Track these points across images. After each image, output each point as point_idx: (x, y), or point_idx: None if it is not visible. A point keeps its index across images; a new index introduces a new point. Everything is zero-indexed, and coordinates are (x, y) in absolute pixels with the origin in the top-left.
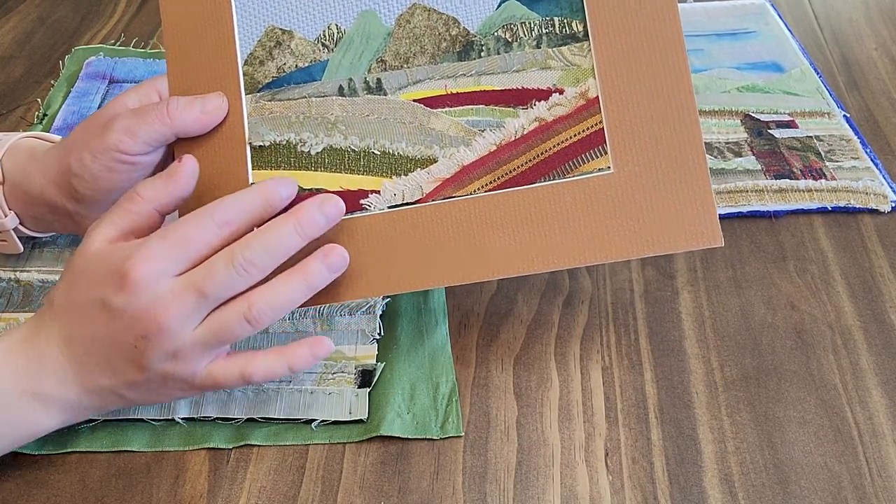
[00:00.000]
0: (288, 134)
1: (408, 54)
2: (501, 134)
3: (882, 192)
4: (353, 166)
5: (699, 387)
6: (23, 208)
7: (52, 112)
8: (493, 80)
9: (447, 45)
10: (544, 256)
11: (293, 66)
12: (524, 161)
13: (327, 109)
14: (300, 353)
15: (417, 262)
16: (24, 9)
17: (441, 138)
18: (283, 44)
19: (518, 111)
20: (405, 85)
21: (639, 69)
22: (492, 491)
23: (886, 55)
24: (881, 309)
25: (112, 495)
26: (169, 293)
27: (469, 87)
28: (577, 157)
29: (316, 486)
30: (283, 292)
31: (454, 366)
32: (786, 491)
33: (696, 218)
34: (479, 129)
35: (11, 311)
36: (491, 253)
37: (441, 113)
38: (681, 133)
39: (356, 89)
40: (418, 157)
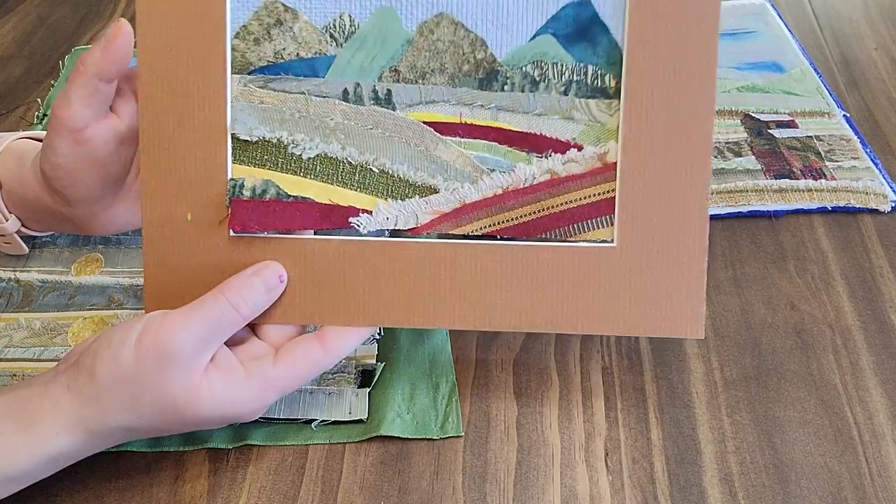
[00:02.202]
0: (280, 131)
1: (425, 69)
2: (510, 179)
3: (882, 191)
4: (347, 180)
5: (699, 387)
6: (23, 212)
7: None
8: (512, 118)
9: (469, 69)
10: (529, 318)
11: (294, 53)
12: (528, 212)
13: (327, 112)
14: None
15: (403, 298)
16: (24, 9)
17: (446, 169)
18: (285, 24)
19: (532, 158)
20: (417, 103)
21: (664, 144)
22: (492, 491)
23: (886, 55)
24: (881, 309)
25: (112, 495)
26: None
27: (485, 120)
28: (583, 223)
29: (316, 486)
30: None
31: (454, 366)
32: (786, 491)
33: (686, 309)
34: (487, 168)
35: (11, 311)
36: (478, 305)
37: (451, 142)
38: (690, 221)
39: (362, 97)
40: (419, 183)
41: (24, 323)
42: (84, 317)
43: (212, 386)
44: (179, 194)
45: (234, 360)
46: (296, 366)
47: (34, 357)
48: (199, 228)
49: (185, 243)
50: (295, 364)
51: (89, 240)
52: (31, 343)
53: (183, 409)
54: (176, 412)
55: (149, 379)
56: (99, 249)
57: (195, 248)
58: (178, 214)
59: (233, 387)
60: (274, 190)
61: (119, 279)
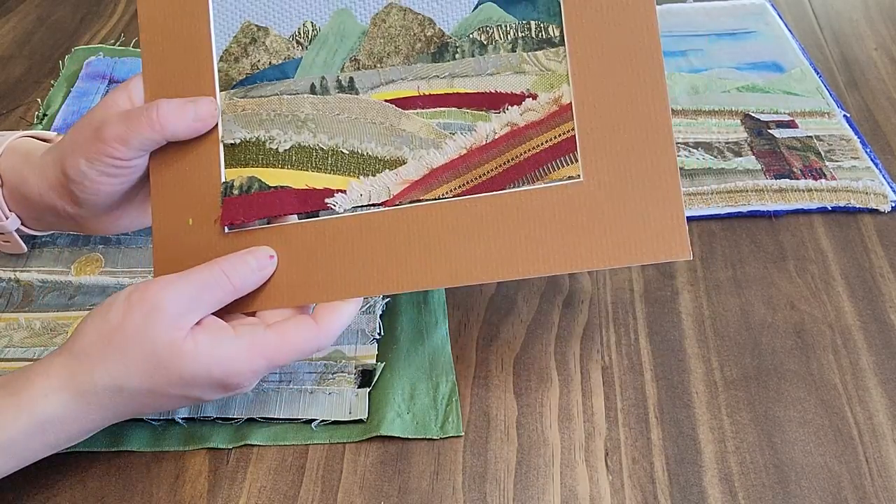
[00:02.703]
0: (258, 131)
1: (381, 54)
2: (472, 138)
3: (882, 191)
4: (321, 165)
5: (699, 387)
6: (23, 210)
7: (52, 112)
8: (467, 82)
9: (422, 46)
10: (509, 264)
11: (267, 62)
12: (494, 166)
13: (298, 107)
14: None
15: (381, 266)
16: (24, 9)
17: (411, 140)
18: (259, 40)
19: (490, 115)
20: (378, 85)
21: (614, 77)
22: (492, 491)
23: (886, 55)
24: (881, 309)
25: (112, 495)
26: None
27: (442, 88)
28: (547, 164)
29: (316, 486)
30: None
31: (454, 366)
32: (786, 491)
33: (666, 230)
34: (450, 132)
35: (11, 311)
36: (454, 259)
37: (412, 114)
38: (654, 143)
39: (328, 87)
40: (387, 157)
41: (24, 323)
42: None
43: (197, 343)
44: (182, 203)
45: (222, 323)
46: (286, 334)
47: (34, 357)
48: (199, 231)
49: (188, 246)
50: (285, 333)
51: (89, 240)
52: (31, 343)
53: (167, 363)
54: (160, 366)
55: (134, 331)
56: (99, 249)
57: (197, 249)
58: (181, 221)
59: (220, 343)
60: (257, 184)
61: (119, 279)
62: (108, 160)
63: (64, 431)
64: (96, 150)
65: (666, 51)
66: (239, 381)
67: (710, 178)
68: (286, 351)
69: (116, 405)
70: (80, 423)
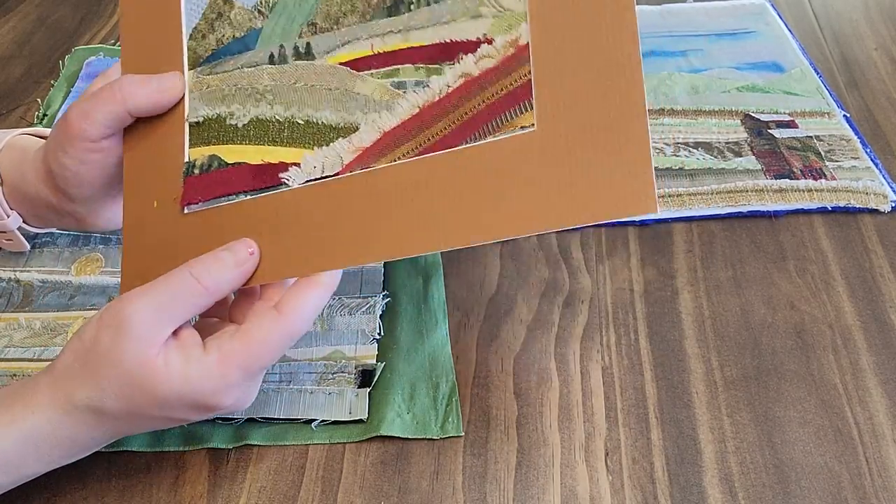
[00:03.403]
0: (220, 108)
1: (338, 14)
2: (425, 95)
3: (882, 191)
4: (277, 137)
5: (699, 387)
6: (24, 208)
7: (52, 112)
8: (422, 35)
9: (378, 2)
10: (462, 231)
11: (231, 36)
12: (448, 123)
13: (257, 79)
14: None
15: (335, 239)
16: (24, 9)
17: (365, 104)
18: (224, 14)
19: (444, 67)
20: (334, 48)
21: (577, 14)
22: (492, 491)
23: (886, 55)
24: (881, 309)
25: (112, 495)
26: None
27: (397, 44)
28: (501, 115)
29: (316, 486)
30: None
31: (454, 366)
32: (786, 491)
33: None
34: (402, 91)
35: (11, 311)
36: (410, 227)
37: (367, 76)
38: (619, 86)
39: (286, 56)
40: (341, 125)
41: (24, 323)
42: (84, 317)
43: (168, 361)
44: (150, 184)
45: (196, 339)
46: (250, 334)
47: (34, 357)
48: (163, 212)
49: (153, 229)
50: (250, 332)
51: (89, 240)
52: (31, 343)
53: (140, 384)
54: (134, 388)
55: (104, 349)
56: (99, 249)
57: (160, 231)
58: (149, 204)
59: (190, 363)
60: (216, 162)
61: (119, 279)
62: (79, 143)
63: (56, 448)
64: (66, 135)
65: (666, 51)
66: (217, 400)
67: (710, 178)
68: (256, 352)
69: (102, 425)
70: (70, 441)
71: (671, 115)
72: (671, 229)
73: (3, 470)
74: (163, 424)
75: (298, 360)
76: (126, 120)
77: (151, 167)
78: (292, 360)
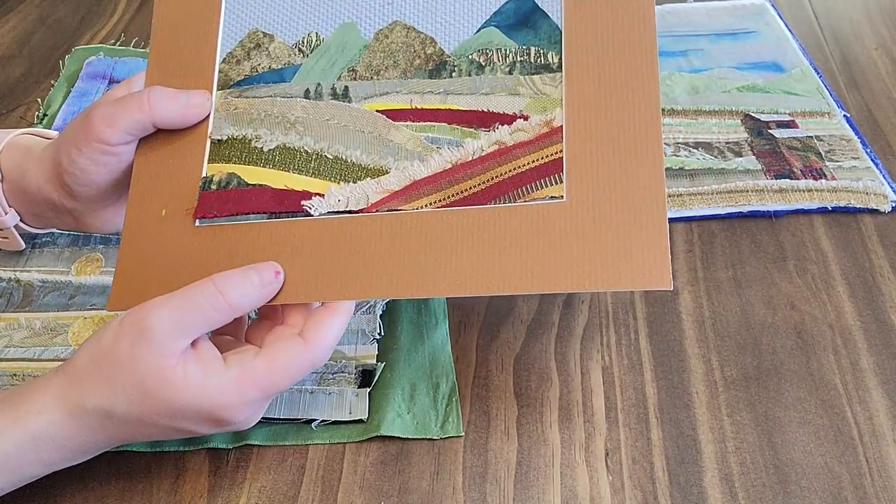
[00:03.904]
0: (246, 129)
1: (380, 67)
2: (459, 153)
3: (882, 191)
4: (303, 167)
5: (699, 387)
6: (23, 206)
7: (52, 112)
8: (460, 100)
9: (420, 63)
10: (483, 280)
11: (267, 66)
12: (477, 182)
13: (289, 109)
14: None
15: (350, 271)
16: (24, 9)
17: (398, 151)
18: (263, 46)
19: (479, 133)
20: (371, 95)
21: (608, 104)
22: (492, 491)
23: (886, 55)
24: (881, 309)
25: (112, 495)
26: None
27: (435, 104)
28: (532, 184)
29: (316, 486)
30: None
31: (454, 366)
32: (786, 491)
33: (648, 257)
34: (437, 147)
35: (11, 311)
36: (427, 270)
37: (402, 126)
38: (642, 170)
39: (322, 94)
40: (371, 166)
41: (24, 323)
42: (84, 317)
43: (186, 372)
44: (159, 194)
45: (215, 352)
46: (274, 358)
47: (34, 357)
48: (171, 222)
49: (157, 237)
50: (274, 356)
51: (89, 240)
52: (31, 343)
53: (154, 393)
54: (147, 396)
55: (123, 355)
56: (99, 249)
57: (165, 240)
58: (156, 211)
59: (209, 375)
60: (236, 180)
61: None
62: (96, 145)
63: (57, 450)
64: (85, 135)
65: (666, 51)
66: (231, 415)
67: (711, 178)
68: (278, 376)
69: (107, 430)
70: (73, 444)
71: (671, 115)
72: (671, 229)
73: (3, 470)
74: (168, 434)
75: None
76: (148, 129)
77: (165, 177)
78: None
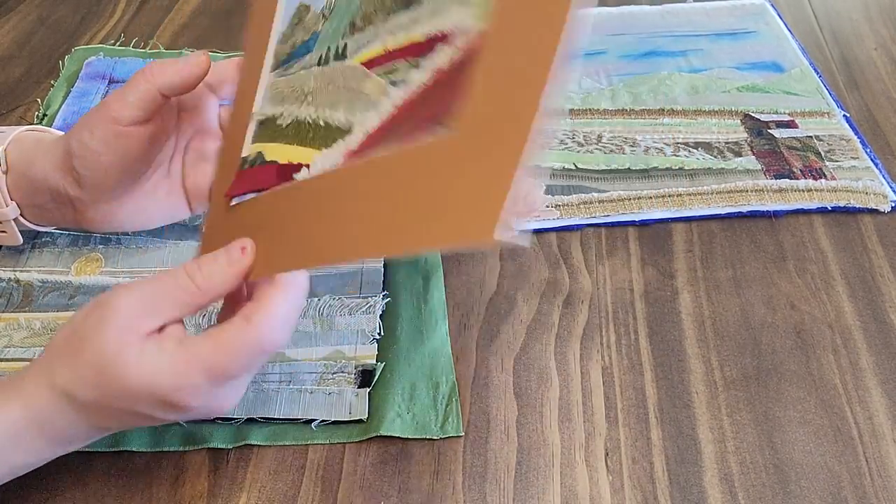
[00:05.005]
0: (277, 108)
1: (370, 13)
2: (403, 91)
3: (882, 191)
4: (305, 138)
5: (699, 387)
6: (25, 197)
7: (52, 112)
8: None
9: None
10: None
11: (301, 39)
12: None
13: (305, 81)
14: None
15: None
16: (24, 9)
17: (365, 103)
18: (302, 20)
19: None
20: (360, 47)
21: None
22: (492, 491)
23: (886, 55)
24: (881, 309)
25: (112, 495)
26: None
27: (402, 41)
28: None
29: (316, 486)
30: None
31: (454, 366)
32: (786, 491)
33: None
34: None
35: (11, 311)
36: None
37: (374, 74)
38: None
39: (329, 58)
40: (344, 126)
41: (24, 323)
42: None
43: (143, 351)
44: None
45: (179, 334)
46: (218, 338)
47: (34, 357)
48: (219, 205)
49: (215, 220)
50: (218, 336)
51: (89, 240)
52: (31, 343)
53: (111, 373)
54: (104, 375)
55: (88, 333)
56: (99, 249)
57: (221, 223)
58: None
59: (161, 355)
60: (260, 159)
61: (119, 279)
62: (109, 125)
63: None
64: (99, 117)
65: (666, 51)
66: (182, 398)
67: (710, 178)
68: (223, 358)
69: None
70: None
71: (671, 115)
72: (671, 229)
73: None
74: (133, 421)
75: (298, 360)
76: (157, 100)
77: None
78: (292, 360)
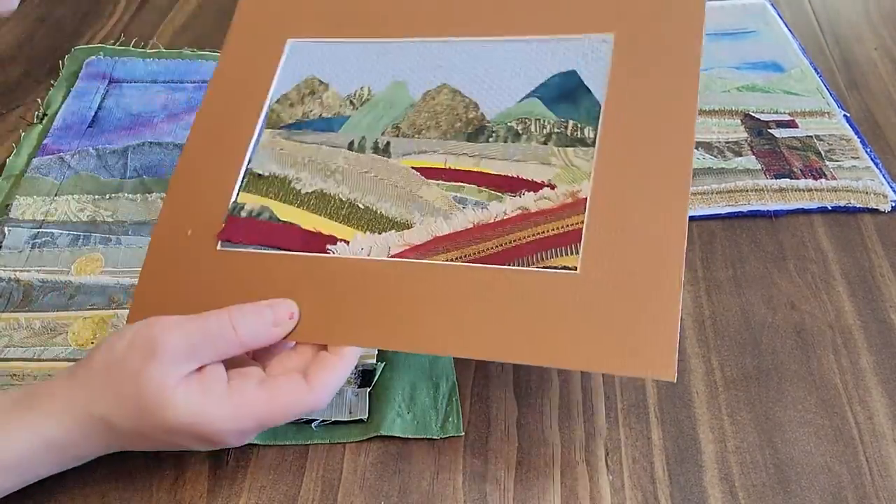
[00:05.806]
0: (288, 170)
1: (422, 126)
2: (482, 214)
3: (882, 191)
4: (335, 213)
5: (699, 386)
6: None
7: (51, 112)
8: (493, 164)
9: (461, 126)
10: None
11: (318, 114)
12: (496, 244)
13: (332, 158)
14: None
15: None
16: (24, 9)
17: (425, 207)
18: (317, 93)
19: (505, 197)
20: (410, 152)
21: (637, 183)
22: (492, 491)
23: (886, 55)
24: (881, 309)
25: (112, 495)
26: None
27: (468, 166)
28: (548, 251)
29: (316, 486)
30: None
31: (454, 366)
32: (786, 491)
33: (654, 346)
34: (462, 206)
35: (11, 311)
36: (442, 326)
37: (433, 184)
38: (662, 258)
39: (365, 147)
40: (397, 219)
41: (24, 323)
42: (84, 317)
43: (188, 393)
44: (189, 214)
45: (220, 374)
46: (276, 395)
47: (34, 357)
48: (195, 242)
49: (179, 255)
50: (275, 393)
51: (89, 239)
52: (31, 343)
53: (153, 410)
54: (146, 412)
55: (131, 368)
56: (99, 249)
57: (186, 260)
58: (182, 231)
59: (209, 400)
60: (267, 214)
61: (119, 279)
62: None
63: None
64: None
65: None
66: (224, 438)
67: (711, 177)
68: (277, 413)
69: (108, 438)
70: (77, 449)
71: None
72: None
73: (17, 472)
74: (166, 448)
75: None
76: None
77: (196, 199)
78: None
